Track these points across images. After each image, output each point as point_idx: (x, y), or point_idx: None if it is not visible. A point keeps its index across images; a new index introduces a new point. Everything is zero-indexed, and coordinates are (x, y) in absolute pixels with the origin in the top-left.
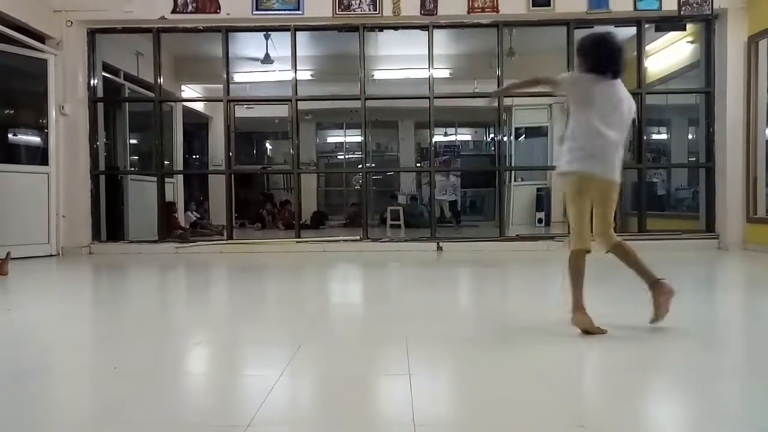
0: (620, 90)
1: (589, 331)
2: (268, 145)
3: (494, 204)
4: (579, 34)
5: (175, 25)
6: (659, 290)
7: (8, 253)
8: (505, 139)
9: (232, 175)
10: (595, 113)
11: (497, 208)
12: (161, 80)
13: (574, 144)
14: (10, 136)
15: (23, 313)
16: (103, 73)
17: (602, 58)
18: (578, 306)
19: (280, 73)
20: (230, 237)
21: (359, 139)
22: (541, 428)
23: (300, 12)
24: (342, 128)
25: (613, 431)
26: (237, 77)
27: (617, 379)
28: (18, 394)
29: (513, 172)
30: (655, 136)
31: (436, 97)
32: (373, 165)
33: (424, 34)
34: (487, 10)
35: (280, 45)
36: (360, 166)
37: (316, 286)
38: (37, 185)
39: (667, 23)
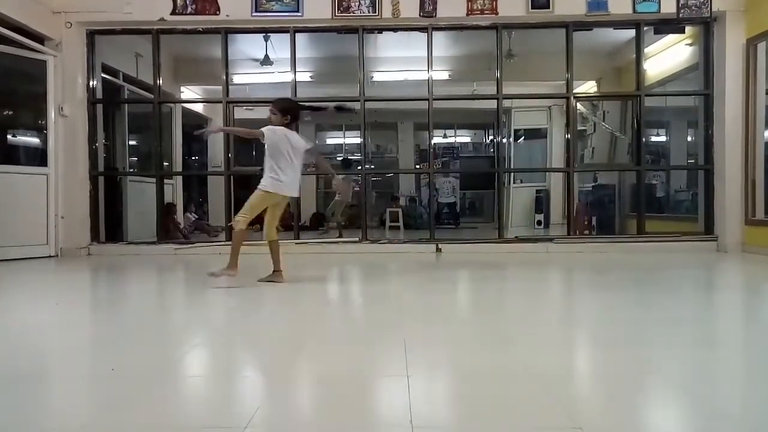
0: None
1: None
2: None
3: (493, 206)
4: (578, 36)
5: (175, 27)
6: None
7: None
8: (504, 140)
9: (231, 177)
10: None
11: (496, 209)
12: (160, 81)
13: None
14: (9, 137)
15: (21, 314)
16: (103, 75)
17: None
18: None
19: (279, 74)
20: (229, 238)
21: (358, 140)
22: (540, 430)
23: (299, 13)
24: (341, 130)
25: None
26: (236, 79)
27: (615, 381)
28: (15, 396)
29: (512, 173)
30: (654, 139)
31: (435, 99)
32: (372, 167)
33: (423, 36)
34: (486, 12)
35: (279, 46)
36: (359, 167)
37: (313, 287)
38: (36, 186)
39: (666, 26)
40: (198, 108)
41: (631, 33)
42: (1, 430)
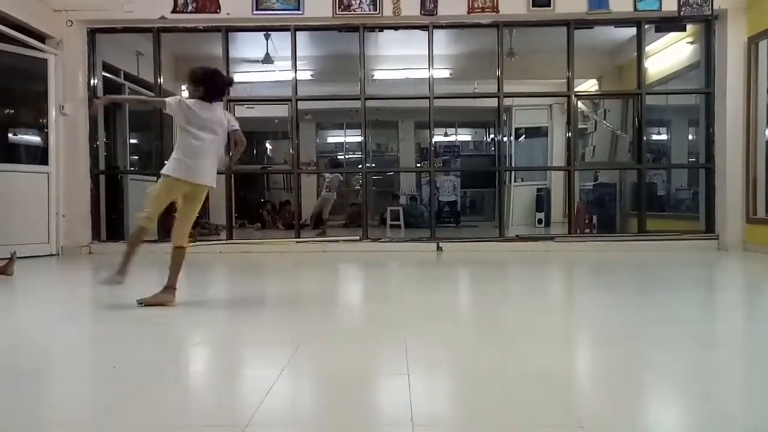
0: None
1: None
2: (268, 145)
3: (494, 204)
4: (579, 34)
5: (175, 25)
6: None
7: (13, 254)
8: (505, 139)
9: (232, 175)
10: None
11: (497, 208)
12: (161, 80)
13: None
14: (10, 135)
15: (23, 313)
16: (103, 73)
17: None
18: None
19: (280, 73)
20: (230, 237)
21: (359, 139)
22: (540, 429)
23: (300, 12)
24: (342, 128)
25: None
26: (237, 77)
27: (617, 380)
28: (17, 394)
29: (513, 172)
30: (655, 137)
31: (436, 98)
32: (373, 165)
33: (424, 34)
34: (487, 10)
35: (280, 45)
36: (360, 166)
37: (315, 286)
38: (37, 185)
39: (667, 24)
40: None
41: (632, 31)
42: (3, 428)
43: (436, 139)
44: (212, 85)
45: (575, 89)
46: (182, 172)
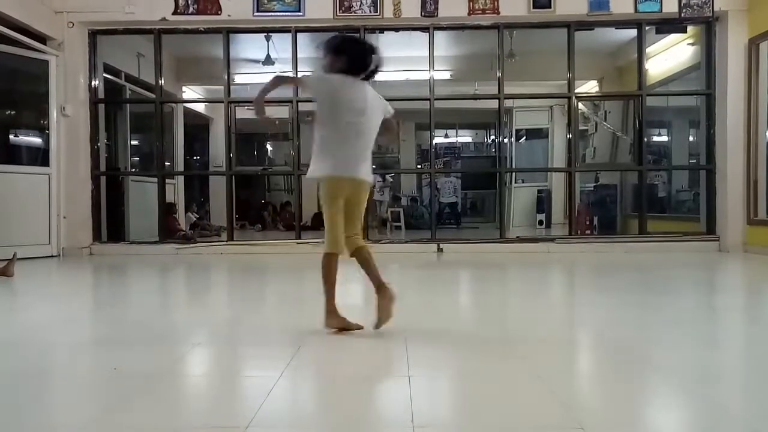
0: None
1: (345, 328)
2: (268, 147)
3: (494, 206)
4: (580, 36)
5: (176, 27)
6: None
7: (14, 255)
8: (506, 140)
9: (233, 177)
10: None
11: (497, 209)
12: (162, 81)
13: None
14: (11, 137)
15: (24, 314)
16: (104, 75)
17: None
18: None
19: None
20: (231, 238)
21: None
22: (541, 430)
23: (301, 13)
24: None
25: None
26: (238, 78)
27: (616, 381)
28: (18, 395)
29: (513, 173)
30: (655, 138)
31: (436, 99)
32: (373, 166)
33: (424, 36)
34: (487, 11)
35: (281, 46)
36: None
37: (315, 287)
38: (38, 186)
39: (668, 25)
40: (199, 108)
41: (632, 33)
42: (5, 427)
43: (436, 140)
44: (356, 53)
45: (576, 91)
46: (337, 169)
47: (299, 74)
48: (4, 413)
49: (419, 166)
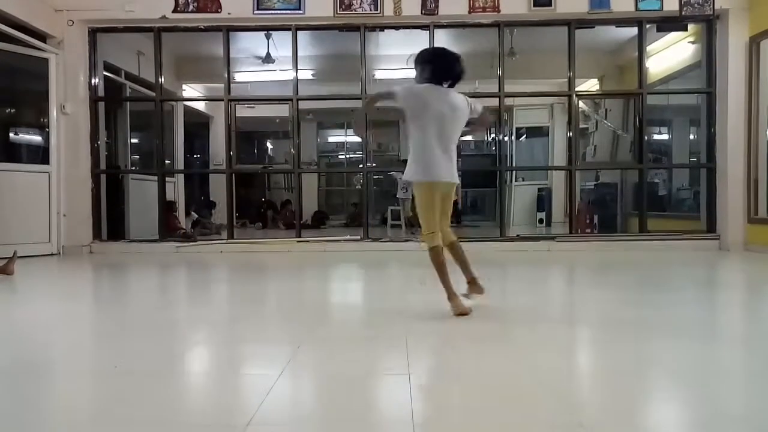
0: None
1: (464, 313)
2: (269, 145)
3: (495, 204)
4: (580, 34)
5: (176, 25)
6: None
7: (15, 253)
8: (506, 139)
9: (233, 175)
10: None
11: (498, 208)
12: (162, 79)
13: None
14: (11, 135)
15: (24, 312)
16: (105, 73)
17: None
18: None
19: (281, 72)
20: (231, 236)
21: (360, 138)
22: (541, 428)
23: (301, 12)
24: (343, 128)
25: (612, 431)
26: (238, 77)
27: (617, 379)
28: (18, 392)
29: (514, 171)
30: (656, 137)
31: None
32: (374, 165)
33: (425, 34)
34: (488, 9)
35: (281, 44)
36: (361, 165)
37: (316, 286)
38: (38, 184)
39: (669, 23)
40: (200, 106)
41: (633, 31)
42: (5, 424)
43: None
44: (438, 64)
45: (576, 89)
46: (427, 174)
47: (388, 88)
48: (4, 410)
49: None
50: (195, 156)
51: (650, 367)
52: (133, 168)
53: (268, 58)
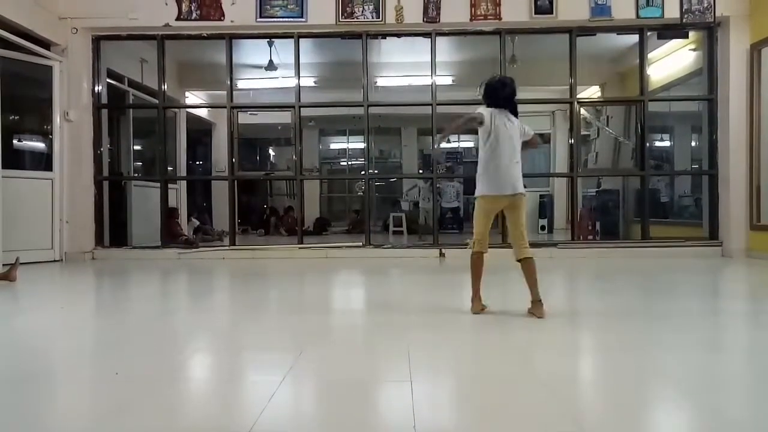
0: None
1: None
2: (271, 152)
3: None
4: (581, 41)
5: (180, 32)
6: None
7: (17, 259)
8: None
9: (236, 181)
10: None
11: (500, 215)
12: (165, 87)
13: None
14: (15, 141)
15: (26, 318)
16: (108, 80)
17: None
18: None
19: (283, 79)
20: (233, 243)
21: (362, 145)
22: None
23: (303, 19)
24: (345, 135)
25: None
26: (240, 84)
27: (617, 384)
28: (20, 399)
29: None
30: (658, 144)
31: (438, 104)
32: (375, 171)
33: (426, 42)
34: (489, 17)
35: (283, 52)
36: (363, 172)
37: (317, 292)
38: (42, 191)
39: (670, 31)
40: (202, 113)
41: (634, 38)
42: (8, 431)
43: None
44: (493, 96)
45: (578, 96)
46: (492, 188)
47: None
48: (6, 417)
49: (421, 171)
50: (197, 163)
51: (654, 374)
52: (136, 175)
53: (270, 66)
